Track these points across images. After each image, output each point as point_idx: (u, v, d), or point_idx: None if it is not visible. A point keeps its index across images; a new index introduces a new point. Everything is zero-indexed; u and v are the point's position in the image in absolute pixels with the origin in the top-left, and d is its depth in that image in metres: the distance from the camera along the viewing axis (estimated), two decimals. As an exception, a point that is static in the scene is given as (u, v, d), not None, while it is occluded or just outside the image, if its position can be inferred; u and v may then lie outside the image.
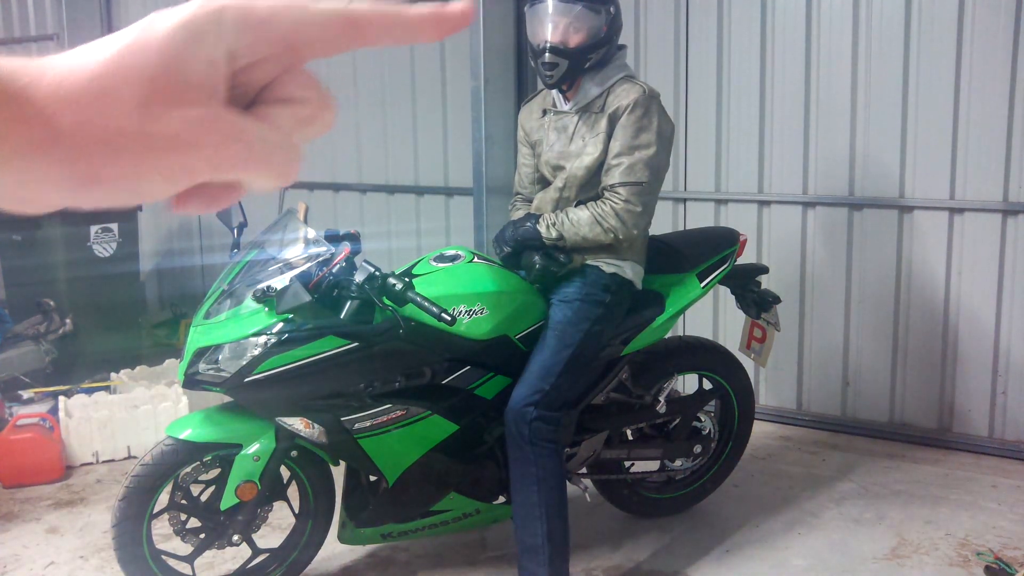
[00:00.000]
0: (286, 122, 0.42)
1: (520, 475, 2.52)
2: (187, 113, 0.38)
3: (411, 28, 0.42)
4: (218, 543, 2.57)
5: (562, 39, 2.55)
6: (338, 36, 0.41)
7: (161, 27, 0.38)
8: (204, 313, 2.51)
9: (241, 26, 0.39)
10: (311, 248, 2.43)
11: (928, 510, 3.21)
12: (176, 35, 0.38)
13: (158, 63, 0.38)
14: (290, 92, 0.42)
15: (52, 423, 3.73)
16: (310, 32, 0.40)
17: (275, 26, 0.40)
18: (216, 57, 0.39)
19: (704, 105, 4.08)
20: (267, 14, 0.40)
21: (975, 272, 3.65)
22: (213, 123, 0.39)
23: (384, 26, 0.42)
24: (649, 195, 2.58)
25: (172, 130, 0.38)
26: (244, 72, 0.40)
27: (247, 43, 0.39)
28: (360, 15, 0.41)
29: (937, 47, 3.56)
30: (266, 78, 0.42)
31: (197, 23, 0.38)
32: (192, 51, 0.38)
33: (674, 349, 3.06)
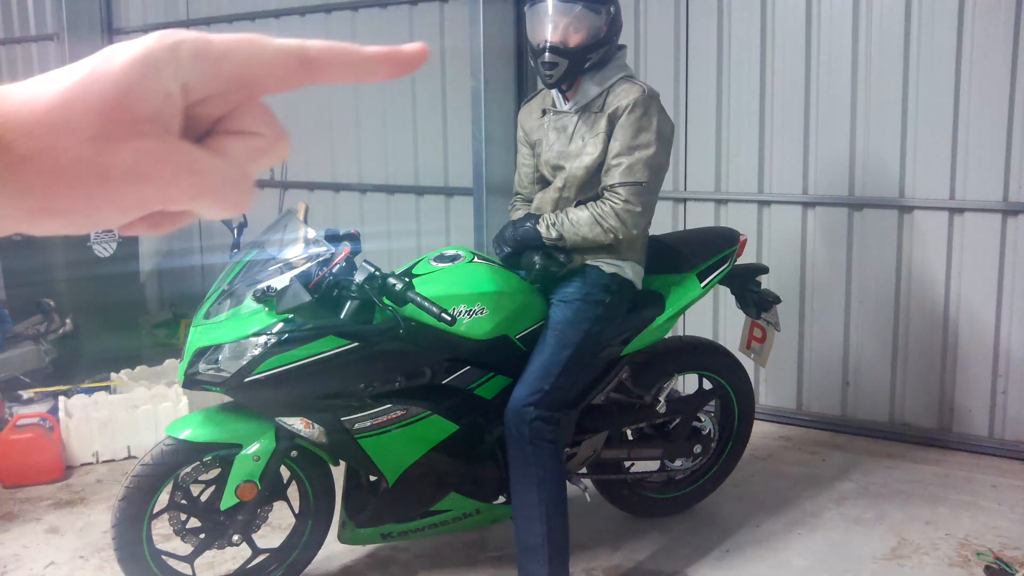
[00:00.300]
0: (239, 154, 0.43)
1: (520, 475, 2.52)
2: (141, 145, 0.39)
3: (365, 67, 0.43)
4: (218, 543, 2.57)
5: (562, 39, 2.55)
6: (291, 73, 0.42)
7: (118, 59, 0.39)
8: (204, 313, 2.51)
9: (197, 61, 0.40)
10: (311, 248, 2.43)
11: (928, 510, 3.21)
12: (133, 68, 0.38)
13: (114, 95, 0.38)
14: (244, 125, 0.43)
15: (52, 423, 3.73)
16: (264, 69, 0.41)
17: (229, 62, 0.40)
18: (171, 90, 0.39)
19: (704, 105, 4.08)
20: (222, 50, 0.40)
21: (975, 272, 3.65)
22: (166, 155, 0.39)
23: (338, 64, 0.42)
24: (649, 195, 2.58)
25: (126, 162, 0.39)
26: (199, 105, 0.41)
27: (202, 78, 0.40)
28: (314, 53, 0.42)
29: (937, 47, 3.56)
30: (221, 111, 0.42)
31: (154, 56, 0.39)
32: (148, 84, 0.39)
33: (674, 349, 3.06)
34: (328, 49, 0.42)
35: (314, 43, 0.42)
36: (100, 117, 0.38)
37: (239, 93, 0.42)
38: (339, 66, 0.42)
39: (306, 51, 0.42)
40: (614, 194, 2.55)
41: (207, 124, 0.43)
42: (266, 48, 0.41)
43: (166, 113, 0.39)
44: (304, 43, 0.42)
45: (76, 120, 0.38)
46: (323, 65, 0.42)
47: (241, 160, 0.43)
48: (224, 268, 2.66)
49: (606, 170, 2.58)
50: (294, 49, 0.41)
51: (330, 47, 0.42)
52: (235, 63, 0.41)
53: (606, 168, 2.58)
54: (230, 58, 0.40)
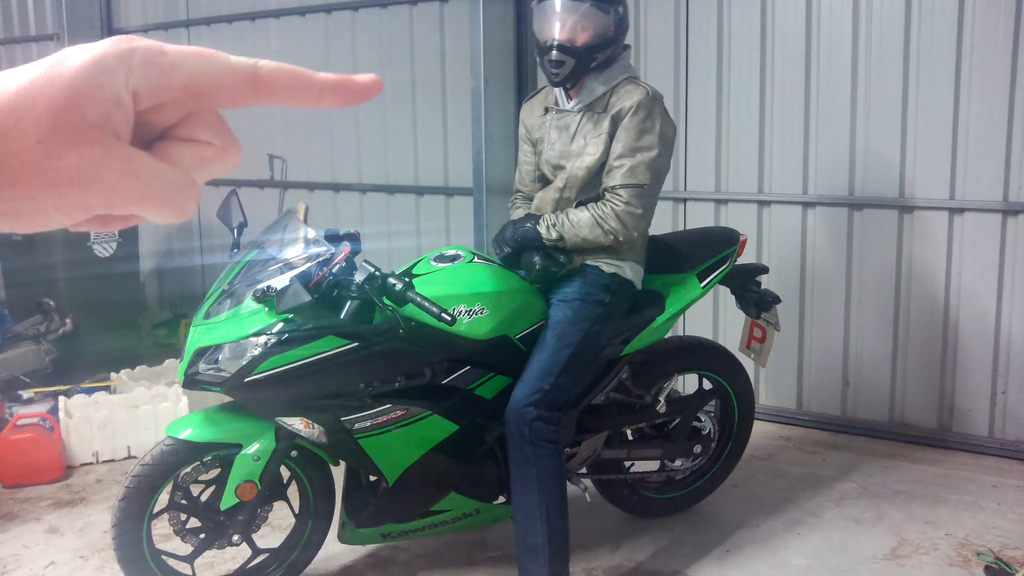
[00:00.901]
0: (187, 161, 0.43)
1: (520, 475, 2.52)
2: (87, 150, 0.39)
3: (315, 92, 0.44)
4: (218, 543, 2.57)
5: (570, 37, 2.54)
6: (240, 91, 0.42)
7: (70, 63, 0.39)
8: (204, 313, 2.51)
9: (148, 69, 0.40)
10: (311, 248, 2.43)
11: (928, 510, 3.21)
12: (85, 72, 0.39)
13: (64, 99, 0.38)
14: (195, 133, 0.43)
15: (52, 423, 3.73)
16: (213, 84, 0.42)
17: (180, 74, 0.41)
18: (122, 97, 0.40)
19: (704, 105, 4.08)
20: (174, 61, 0.41)
21: (975, 272, 3.65)
22: (112, 161, 0.40)
23: (288, 87, 0.43)
24: (650, 197, 2.58)
25: (71, 166, 0.39)
26: (150, 112, 0.42)
27: (152, 86, 0.40)
28: (265, 74, 0.42)
29: (937, 47, 3.56)
30: (172, 119, 0.43)
31: (106, 62, 0.39)
32: (99, 89, 0.39)
33: (674, 349, 3.06)
34: (279, 71, 0.43)
35: (266, 64, 0.42)
36: (49, 120, 0.38)
37: (187, 104, 0.42)
38: (289, 89, 0.43)
39: (257, 71, 0.42)
40: (615, 196, 2.55)
41: (158, 130, 0.43)
42: (218, 63, 0.42)
43: (115, 118, 0.40)
44: (257, 63, 0.42)
45: (25, 123, 0.38)
46: (272, 86, 0.43)
47: (188, 167, 0.43)
48: (224, 268, 2.66)
49: (608, 171, 2.58)
50: (245, 68, 0.42)
51: (281, 70, 0.43)
52: (186, 75, 0.41)
53: (608, 169, 2.58)
54: (181, 69, 0.41)
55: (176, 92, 0.41)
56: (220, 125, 0.44)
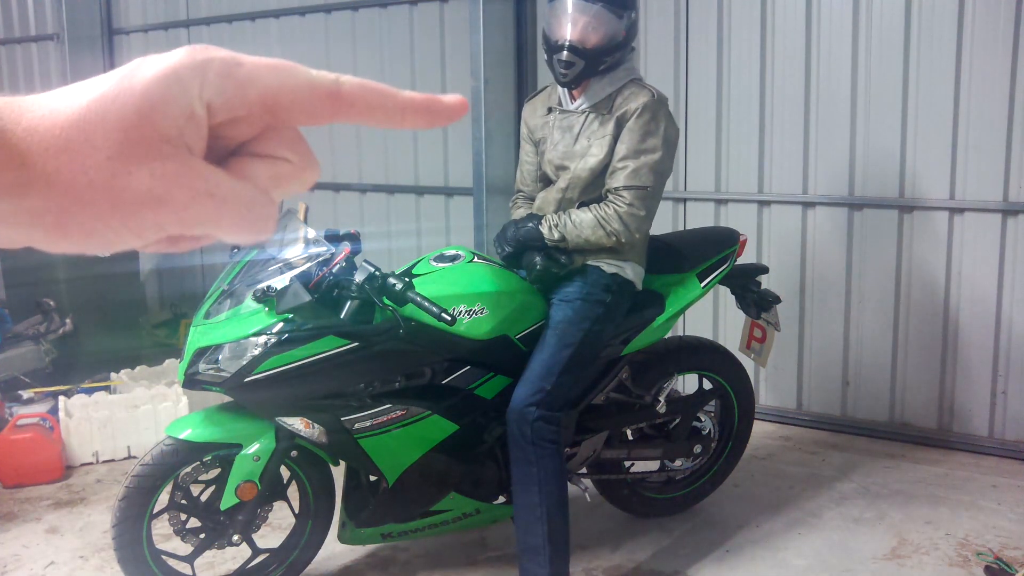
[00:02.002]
0: (263, 178, 0.41)
1: (521, 475, 2.52)
2: (159, 167, 0.37)
3: (399, 112, 0.41)
4: (218, 543, 2.57)
5: (582, 39, 2.53)
6: (321, 108, 0.40)
7: (143, 76, 0.37)
8: (204, 313, 2.51)
9: (224, 82, 0.38)
10: (311, 248, 2.43)
11: (928, 510, 3.21)
12: (157, 86, 0.37)
13: (136, 113, 0.37)
14: (271, 149, 0.41)
15: (52, 423, 3.73)
16: (291, 99, 0.40)
17: (256, 88, 0.39)
18: (196, 110, 0.38)
19: (704, 105, 4.08)
20: (251, 74, 0.39)
21: (975, 272, 3.65)
22: (185, 179, 0.38)
23: (371, 106, 0.41)
24: (652, 199, 2.58)
25: (142, 185, 0.37)
26: (225, 126, 0.40)
27: (228, 100, 0.39)
28: (347, 91, 0.40)
29: (937, 47, 3.56)
30: (248, 134, 0.41)
31: (180, 74, 0.37)
32: (172, 103, 0.37)
33: (674, 349, 3.05)
34: (362, 88, 0.40)
35: (349, 80, 0.40)
36: (120, 135, 0.37)
37: (263, 119, 0.40)
38: (372, 108, 0.41)
39: (339, 87, 0.40)
40: (618, 197, 2.55)
41: (232, 145, 0.41)
42: (298, 78, 0.40)
43: (188, 133, 0.38)
44: (339, 79, 0.40)
45: (95, 138, 0.37)
46: (355, 104, 0.40)
47: (264, 185, 0.41)
48: (224, 268, 2.66)
49: (611, 173, 2.58)
50: (327, 83, 0.40)
51: (365, 86, 0.41)
52: (263, 89, 0.39)
53: (611, 171, 2.58)
54: (258, 83, 0.39)
55: (252, 106, 0.39)
56: (298, 140, 0.42)
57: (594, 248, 2.61)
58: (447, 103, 0.42)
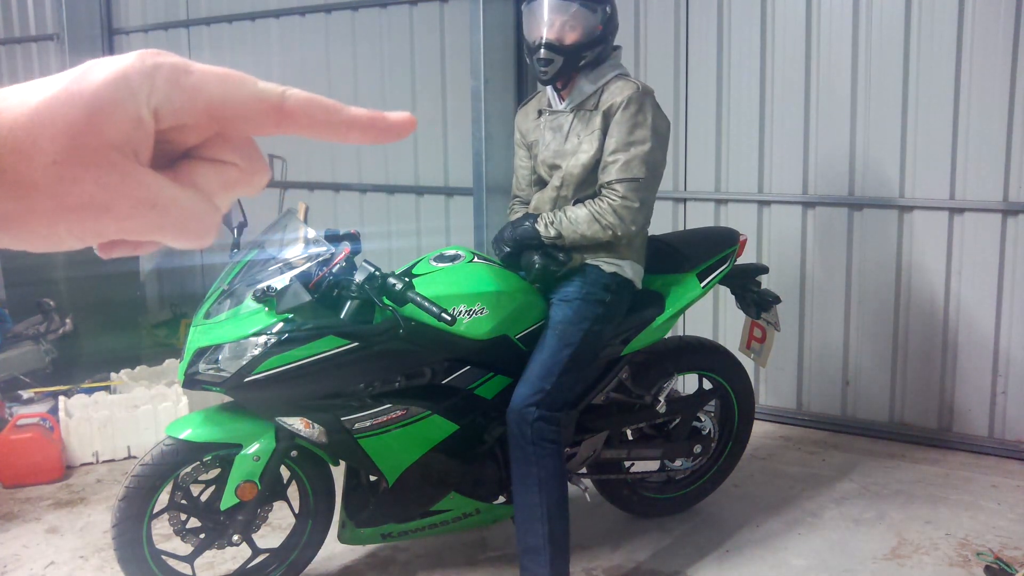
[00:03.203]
0: (210, 183, 0.41)
1: (521, 475, 2.52)
2: (103, 175, 0.37)
3: (344, 127, 0.41)
4: (218, 543, 2.57)
5: (558, 36, 2.56)
6: (266, 120, 0.40)
7: (93, 79, 0.37)
8: (204, 313, 2.51)
9: (172, 89, 0.38)
10: (311, 248, 2.43)
11: (928, 510, 3.21)
12: (106, 90, 0.37)
13: (84, 117, 0.37)
14: (220, 154, 0.41)
15: (52, 423, 3.73)
16: (238, 110, 0.40)
17: (204, 97, 0.39)
18: (143, 116, 0.38)
19: (704, 105, 4.08)
20: (198, 83, 0.39)
21: (975, 272, 3.65)
22: (129, 188, 0.38)
23: (314, 120, 0.41)
24: (646, 191, 2.58)
25: (85, 191, 0.37)
26: (172, 131, 0.40)
27: (175, 107, 0.38)
28: (293, 104, 0.40)
29: (937, 47, 3.56)
30: (194, 140, 0.41)
31: (129, 79, 0.37)
32: (120, 109, 0.37)
33: (674, 349, 3.06)
34: (307, 103, 0.40)
35: (295, 94, 0.40)
36: (68, 140, 0.36)
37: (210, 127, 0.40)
38: (316, 122, 0.41)
39: (284, 101, 0.40)
40: (611, 191, 2.55)
41: (181, 149, 0.41)
42: (244, 89, 0.40)
43: (135, 139, 0.38)
44: (285, 93, 0.40)
45: (43, 141, 0.36)
46: (300, 119, 0.40)
47: (211, 191, 0.41)
48: (224, 268, 2.66)
49: (603, 167, 2.58)
50: (273, 96, 0.40)
51: (311, 101, 0.40)
52: (210, 98, 0.39)
53: (603, 166, 2.58)
54: (205, 92, 0.39)
55: (199, 115, 0.39)
56: (248, 145, 0.42)
57: (591, 244, 2.61)
58: (392, 121, 0.42)
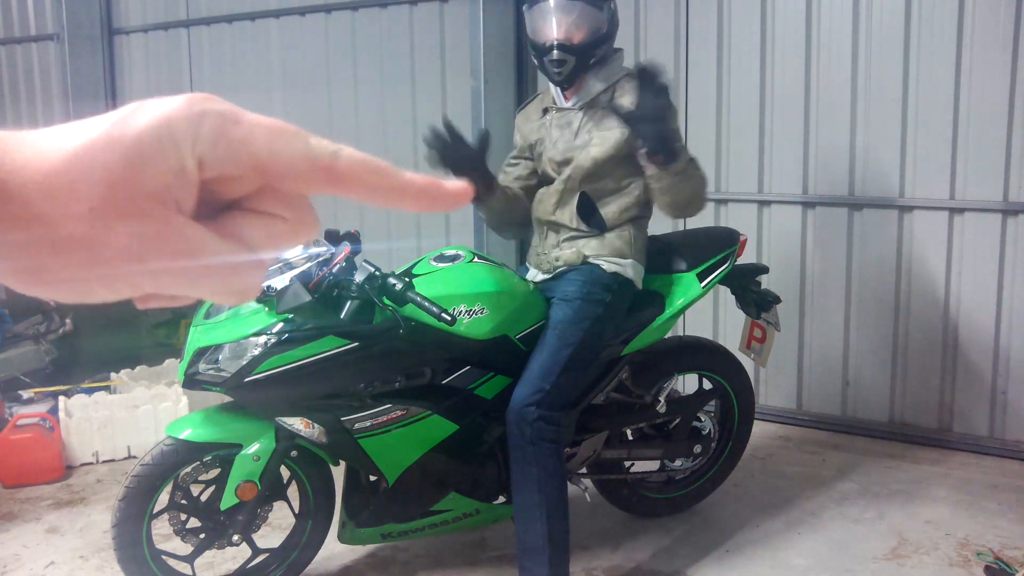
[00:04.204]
0: (256, 236, 0.39)
1: (521, 475, 2.52)
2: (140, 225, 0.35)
3: (397, 195, 0.39)
4: (218, 543, 2.57)
5: (568, 36, 2.58)
6: (315, 180, 0.38)
7: (135, 125, 0.35)
8: (204, 313, 2.51)
9: (218, 140, 0.36)
10: (311, 248, 2.43)
11: (928, 510, 3.21)
12: (149, 135, 0.35)
13: (124, 165, 0.35)
14: (267, 206, 0.39)
15: (52, 423, 3.73)
16: (285, 167, 0.37)
17: (251, 150, 0.37)
18: (187, 165, 0.36)
19: (704, 105, 4.08)
20: (246, 135, 0.37)
21: (975, 272, 3.65)
22: (167, 240, 0.36)
23: (367, 185, 0.39)
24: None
25: (121, 242, 0.35)
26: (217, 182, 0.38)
27: (219, 159, 0.37)
28: (344, 167, 0.38)
29: (937, 47, 3.56)
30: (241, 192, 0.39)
31: (173, 127, 0.35)
32: (162, 158, 0.35)
33: (674, 349, 3.06)
34: (362, 166, 0.38)
35: (348, 155, 0.38)
36: (105, 188, 0.35)
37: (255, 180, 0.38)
38: (368, 187, 0.39)
39: (336, 162, 0.38)
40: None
41: (226, 199, 0.39)
42: (295, 145, 0.37)
43: (177, 188, 0.36)
44: (338, 153, 0.38)
45: (79, 187, 0.35)
46: (351, 183, 0.38)
47: (256, 244, 0.39)
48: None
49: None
50: (325, 156, 0.38)
51: (364, 164, 0.38)
52: (258, 152, 0.37)
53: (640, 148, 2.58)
54: (254, 145, 0.37)
55: (245, 168, 0.37)
56: (298, 198, 0.40)
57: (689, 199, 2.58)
58: (449, 190, 0.40)
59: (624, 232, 2.72)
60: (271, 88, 5.29)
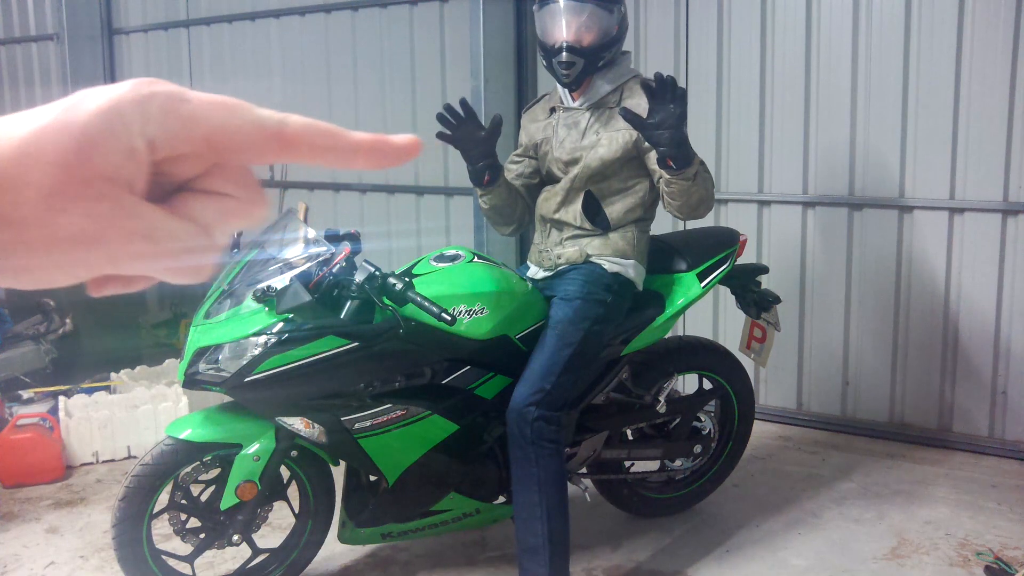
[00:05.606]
0: (208, 215, 0.40)
1: (521, 475, 2.52)
2: (94, 207, 0.36)
3: (347, 153, 0.41)
4: (218, 543, 2.57)
5: (577, 38, 2.58)
6: (266, 149, 0.39)
7: (84, 109, 0.36)
8: (204, 313, 2.51)
9: (167, 118, 0.37)
10: (311, 248, 2.43)
11: (928, 510, 3.21)
12: (98, 121, 0.36)
13: (75, 150, 0.36)
14: (217, 185, 0.40)
15: (52, 423, 3.73)
16: (237, 139, 0.38)
17: (201, 125, 0.38)
18: (137, 146, 0.37)
19: (704, 105, 4.08)
20: (195, 111, 0.38)
21: (975, 272, 3.65)
22: (121, 219, 0.37)
23: (317, 146, 0.40)
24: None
25: (75, 224, 0.36)
26: (168, 162, 0.38)
27: (170, 137, 0.37)
28: (292, 131, 0.39)
29: (937, 47, 3.56)
30: (191, 172, 0.40)
31: (122, 110, 0.36)
32: (112, 140, 0.36)
33: (674, 349, 3.06)
34: (309, 129, 0.39)
35: (295, 121, 0.39)
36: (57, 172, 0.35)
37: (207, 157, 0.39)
38: (319, 149, 0.40)
39: (284, 128, 0.39)
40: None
41: (177, 181, 0.40)
42: (243, 117, 0.39)
43: (128, 170, 0.37)
44: (285, 119, 0.39)
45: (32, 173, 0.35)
46: (300, 146, 0.39)
47: (208, 223, 0.40)
48: (224, 268, 2.66)
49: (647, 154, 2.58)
50: (272, 124, 0.39)
51: (311, 127, 0.40)
52: (207, 127, 0.38)
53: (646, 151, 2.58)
54: (203, 121, 0.38)
55: (196, 144, 0.38)
56: (246, 176, 0.41)
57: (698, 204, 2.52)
58: (397, 144, 0.41)
59: (628, 233, 2.72)
60: (271, 88, 5.30)
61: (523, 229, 2.99)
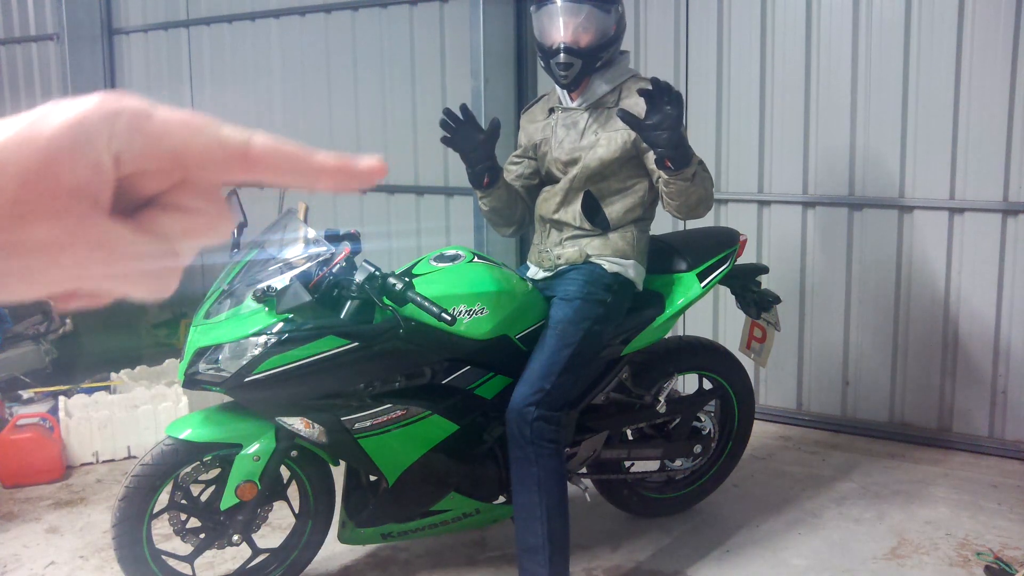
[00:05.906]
0: (174, 231, 0.40)
1: (521, 475, 2.52)
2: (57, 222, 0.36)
3: (312, 174, 0.40)
4: (218, 543, 2.57)
5: (575, 39, 2.58)
6: (231, 167, 0.39)
7: (51, 122, 0.36)
8: (204, 313, 2.51)
9: (133, 135, 0.37)
10: (311, 248, 2.43)
11: (928, 510, 3.21)
12: (65, 134, 0.36)
13: (40, 162, 0.36)
14: (184, 201, 0.40)
15: (52, 423, 3.73)
16: (202, 157, 0.39)
17: (167, 142, 0.38)
18: (103, 161, 0.37)
19: (704, 105, 4.08)
20: (161, 128, 0.38)
21: (975, 272, 3.65)
22: (84, 235, 0.37)
23: (282, 167, 0.40)
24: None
25: (38, 238, 0.36)
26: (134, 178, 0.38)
27: (136, 153, 0.37)
28: (258, 151, 0.39)
29: (937, 47, 3.56)
30: (158, 187, 0.40)
31: (89, 124, 0.36)
32: (78, 155, 0.36)
33: (674, 349, 3.06)
34: (275, 150, 0.39)
35: (261, 141, 0.39)
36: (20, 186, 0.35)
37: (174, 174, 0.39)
38: (284, 170, 0.40)
39: (250, 148, 0.39)
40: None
41: (144, 196, 0.40)
42: (208, 135, 0.39)
43: (94, 185, 0.37)
44: (250, 139, 0.39)
45: None
46: (266, 166, 0.39)
47: (173, 239, 0.40)
48: (224, 268, 2.66)
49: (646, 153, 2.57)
50: (237, 143, 0.39)
51: (275, 150, 0.39)
52: (173, 144, 0.38)
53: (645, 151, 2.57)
54: (169, 138, 0.38)
55: (162, 161, 0.38)
56: (212, 191, 0.41)
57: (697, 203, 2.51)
58: (362, 168, 0.41)
59: (627, 233, 2.72)
60: (271, 88, 5.30)
61: (523, 230, 2.99)
